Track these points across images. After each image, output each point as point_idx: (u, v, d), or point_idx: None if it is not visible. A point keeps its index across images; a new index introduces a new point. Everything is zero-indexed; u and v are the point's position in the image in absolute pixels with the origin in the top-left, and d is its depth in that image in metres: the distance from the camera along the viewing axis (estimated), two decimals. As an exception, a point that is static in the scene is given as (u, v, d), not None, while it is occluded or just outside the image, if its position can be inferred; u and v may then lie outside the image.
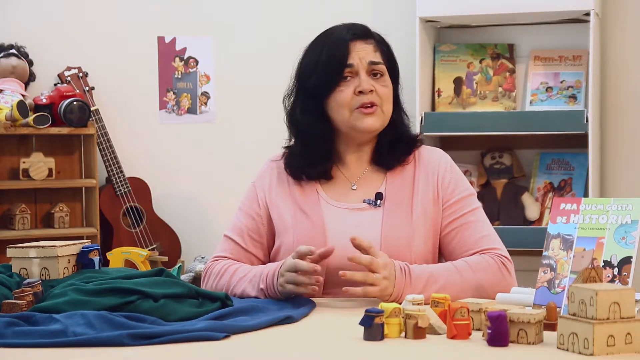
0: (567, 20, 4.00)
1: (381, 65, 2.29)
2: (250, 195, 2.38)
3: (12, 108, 4.01)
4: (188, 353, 1.67)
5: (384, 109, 2.28)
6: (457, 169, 2.35)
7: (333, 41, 2.29)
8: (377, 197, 2.29)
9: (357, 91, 2.26)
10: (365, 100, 2.26)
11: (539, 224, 3.96)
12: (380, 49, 2.32)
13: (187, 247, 4.46)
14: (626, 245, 1.78)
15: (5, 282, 2.03)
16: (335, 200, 2.31)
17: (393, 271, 2.10)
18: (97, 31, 4.43)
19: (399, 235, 2.23)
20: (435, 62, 4.12)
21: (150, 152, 4.49)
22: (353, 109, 2.26)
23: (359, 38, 2.29)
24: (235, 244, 2.34)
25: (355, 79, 2.27)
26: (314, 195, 2.31)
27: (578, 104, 3.96)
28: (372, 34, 2.33)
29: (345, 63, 2.26)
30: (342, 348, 1.71)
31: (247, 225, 2.34)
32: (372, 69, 2.28)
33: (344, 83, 2.27)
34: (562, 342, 1.59)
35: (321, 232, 2.25)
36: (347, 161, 2.35)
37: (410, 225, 2.25)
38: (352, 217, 2.28)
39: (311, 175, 2.32)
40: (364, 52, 2.28)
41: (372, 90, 2.26)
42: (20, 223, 4.12)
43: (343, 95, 2.26)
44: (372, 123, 2.27)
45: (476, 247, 2.23)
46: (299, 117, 2.32)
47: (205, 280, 2.32)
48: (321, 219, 2.27)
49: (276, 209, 2.32)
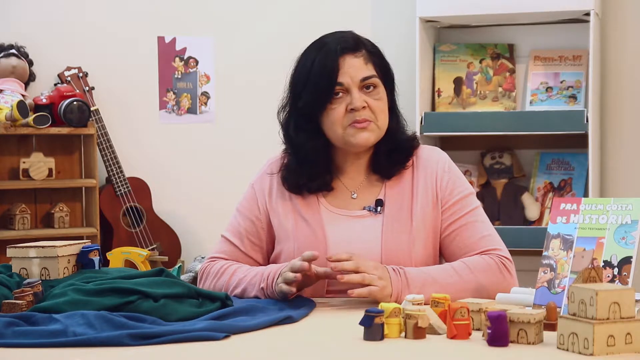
0: (567, 20, 4.00)
1: (373, 79, 2.25)
2: (249, 198, 2.36)
3: (12, 108, 4.01)
4: (188, 353, 1.67)
5: (378, 123, 2.25)
6: (456, 169, 2.33)
7: (322, 57, 2.24)
8: (377, 204, 2.28)
9: (349, 108, 2.23)
10: (358, 118, 2.22)
11: (539, 224, 3.96)
12: (372, 60, 2.27)
13: (187, 247, 4.47)
14: (626, 245, 1.78)
15: (5, 282, 2.02)
16: (335, 207, 2.30)
17: (387, 272, 2.11)
18: (97, 31, 4.43)
19: (400, 241, 2.23)
20: (435, 62, 4.12)
21: (150, 152, 4.49)
22: (346, 126, 2.23)
23: (349, 51, 2.24)
24: (234, 247, 2.33)
25: (347, 96, 2.23)
26: (314, 203, 2.30)
27: (578, 104, 3.96)
28: (362, 44, 2.28)
29: (335, 81, 2.22)
30: (342, 348, 1.71)
31: (246, 229, 2.33)
32: (363, 84, 2.24)
33: (336, 100, 2.23)
34: (562, 342, 1.59)
35: (322, 240, 2.25)
36: (346, 171, 2.33)
37: (410, 231, 2.24)
38: (352, 224, 2.27)
39: (312, 189, 2.30)
40: (353, 69, 2.23)
41: (365, 107, 2.23)
42: (20, 223, 4.12)
43: (335, 113, 2.23)
44: (366, 138, 2.24)
45: (477, 248, 2.23)
46: (292, 134, 2.30)
47: (202, 280, 2.31)
48: (322, 226, 2.26)
49: (276, 216, 2.31)
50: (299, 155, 2.29)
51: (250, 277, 2.21)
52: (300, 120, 2.28)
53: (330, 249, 2.22)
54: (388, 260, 2.19)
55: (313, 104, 2.25)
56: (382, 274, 2.09)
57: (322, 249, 2.22)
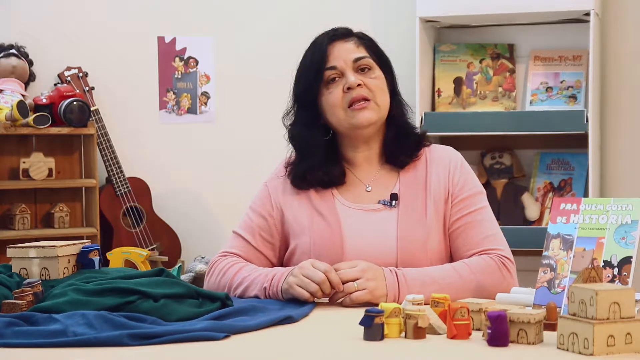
0: (567, 20, 4.00)
1: (367, 59, 2.29)
2: (262, 196, 2.37)
3: (12, 108, 4.01)
4: (188, 353, 1.67)
5: (377, 101, 2.28)
6: (468, 167, 2.37)
7: (313, 48, 2.31)
8: (392, 197, 2.30)
9: (345, 88, 2.27)
10: (355, 95, 2.26)
11: (539, 224, 3.96)
12: (364, 44, 2.32)
13: (187, 247, 4.46)
14: (626, 245, 1.78)
15: (5, 282, 2.02)
16: (350, 202, 2.31)
17: (381, 272, 2.12)
18: (97, 31, 4.43)
19: (415, 235, 2.24)
20: (435, 62, 4.12)
21: (150, 152, 4.49)
22: (346, 107, 2.27)
23: (338, 39, 2.31)
24: (245, 242, 2.34)
25: (342, 79, 2.28)
26: (329, 198, 2.31)
27: (578, 104, 3.96)
28: (352, 33, 2.34)
29: (324, 66, 2.27)
30: (342, 348, 1.71)
31: (258, 225, 2.34)
32: (358, 65, 2.29)
33: (332, 85, 2.28)
34: (562, 342, 1.59)
35: (338, 234, 2.26)
36: (357, 163, 2.35)
37: (425, 225, 2.25)
38: (368, 218, 2.28)
39: (325, 183, 2.32)
40: (345, 51, 2.29)
41: (360, 85, 2.26)
42: (20, 223, 4.12)
43: (333, 96, 2.27)
44: (368, 117, 2.27)
45: (479, 247, 2.24)
46: (295, 130, 2.34)
47: (209, 275, 2.32)
48: (338, 220, 2.27)
49: (291, 210, 2.32)
50: (304, 151, 2.33)
51: (253, 276, 2.22)
52: (301, 114, 2.33)
53: (346, 243, 2.24)
54: (404, 254, 2.21)
55: (307, 92, 2.29)
56: (372, 275, 2.10)
57: (337, 243, 2.24)
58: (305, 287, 2.08)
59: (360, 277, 2.09)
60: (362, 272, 2.10)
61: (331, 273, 2.08)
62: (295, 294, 2.09)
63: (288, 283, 2.11)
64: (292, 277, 2.11)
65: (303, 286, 2.08)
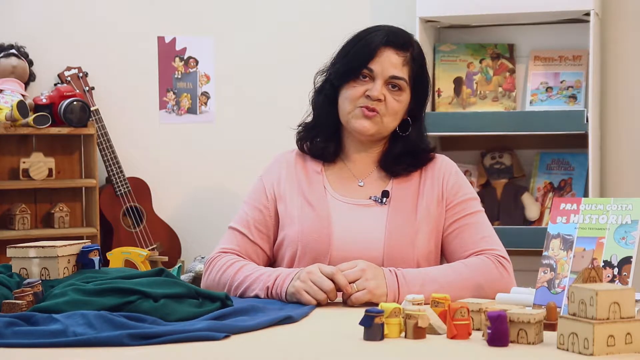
0: (567, 20, 4.00)
1: (401, 81, 2.31)
2: (257, 189, 2.40)
3: (12, 108, 4.01)
4: (188, 353, 1.67)
5: (385, 119, 2.31)
6: (462, 175, 2.39)
7: (368, 40, 2.32)
8: (384, 194, 2.32)
9: (366, 94, 2.29)
10: (369, 104, 2.29)
11: (539, 224, 3.96)
12: (411, 66, 2.33)
13: (187, 247, 4.47)
14: (626, 245, 1.78)
15: (5, 282, 2.02)
16: (342, 195, 2.34)
17: (381, 271, 2.12)
18: (97, 31, 4.43)
19: (403, 233, 2.26)
20: (435, 62, 4.12)
21: (150, 152, 4.49)
22: (356, 106, 2.30)
23: (394, 47, 2.31)
24: (241, 235, 2.35)
25: (370, 83, 2.30)
26: (320, 189, 2.34)
27: (578, 104, 3.96)
28: (411, 46, 2.34)
29: (366, 65, 2.30)
30: (342, 348, 1.71)
31: (253, 217, 2.36)
32: (390, 82, 2.30)
33: (360, 82, 2.31)
34: (562, 342, 1.59)
35: (326, 225, 2.28)
36: (353, 158, 2.39)
37: (414, 224, 2.27)
38: (357, 212, 2.31)
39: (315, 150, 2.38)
40: (389, 63, 2.30)
41: (380, 100, 2.29)
42: (20, 223, 4.12)
43: (354, 91, 2.31)
44: (366, 126, 2.30)
45: (475, 248, 2.26)
46: (315, 96, 2.40)
47: (207, 272, 2.32)
48: (327, 211, 2.30)
49: (283, 201, 2.34)
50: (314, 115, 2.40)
51: (255, 275, 2.22)
52: (325, 85, 2.38)
53: (334, 234, 2.27)
54: (390, 251, 2.22)
55: (340, 76, 2.33)
56: (371, 275, 2.11)
57: (325, 234, 2.27)
58: (313, 295, 2.08)
59: (360, 277, 2.10)
60: (361, 271, 2.10)
61: (338, 275, 2.08)
62: (302, 300, 2.09)
63: (295, 287, 2.11)
64: (300, 282, 2.11)
65: (311, 294, 2.08)
